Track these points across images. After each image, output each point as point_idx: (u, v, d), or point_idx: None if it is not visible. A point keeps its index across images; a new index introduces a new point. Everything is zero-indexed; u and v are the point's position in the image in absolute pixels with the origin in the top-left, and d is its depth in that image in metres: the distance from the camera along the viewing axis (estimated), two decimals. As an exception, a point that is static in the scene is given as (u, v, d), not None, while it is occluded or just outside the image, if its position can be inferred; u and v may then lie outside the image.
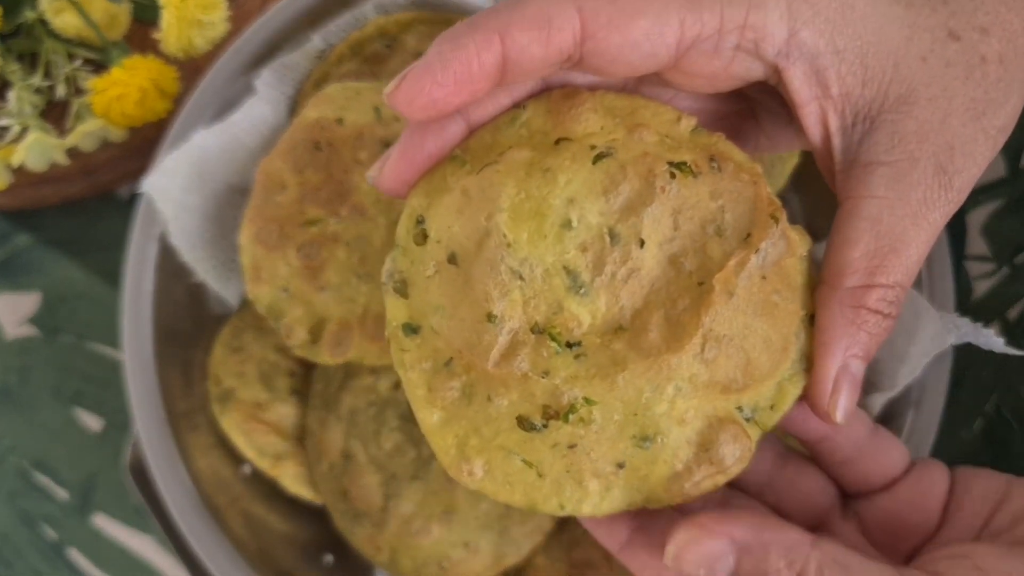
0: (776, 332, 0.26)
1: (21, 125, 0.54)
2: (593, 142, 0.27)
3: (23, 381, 0.55)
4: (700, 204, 0.27)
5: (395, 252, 0.28)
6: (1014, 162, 0.53)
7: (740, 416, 0.26)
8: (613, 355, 0.26)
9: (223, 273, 0.48)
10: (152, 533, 0.52)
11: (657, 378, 0.26)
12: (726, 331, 0.26)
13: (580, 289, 0.26)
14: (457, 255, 0.27)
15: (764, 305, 0.26)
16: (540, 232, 0.26)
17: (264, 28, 0.48)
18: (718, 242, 0.27)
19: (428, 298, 0.27)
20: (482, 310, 0.26)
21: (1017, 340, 0.41)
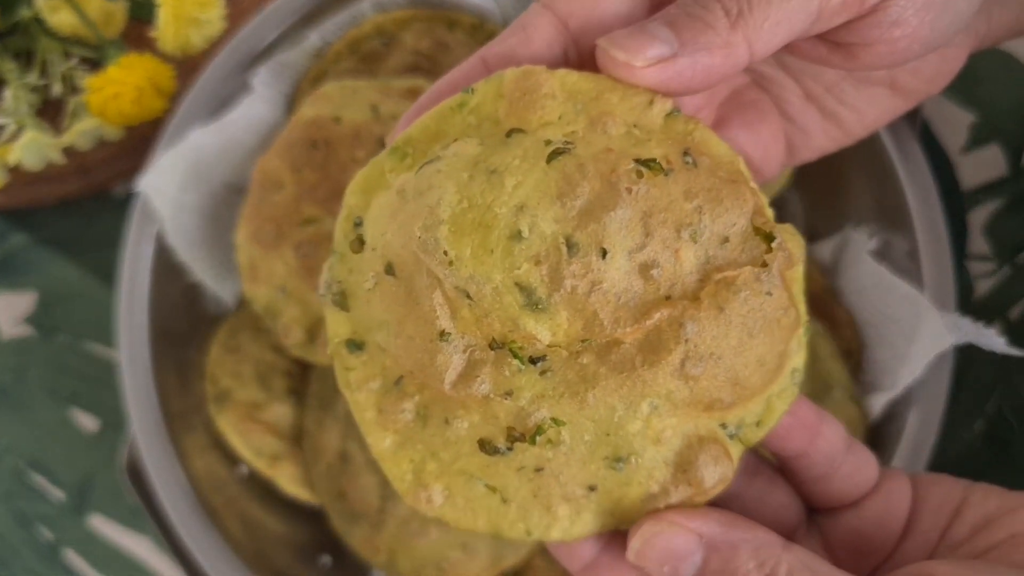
0: (772, 350, 0.24)
1: (17, 124, 0.54)
2: (548, 135, 0.24)
3: (19, 381, 0.55)
4: (673, 206, 0.23)
5: (332, 259, 0.25)
6: (1015, 161, 0.53)
7: (723, 433, 0.25)
8: (582, 370, 0.23)
9: (220, 272, 0.48)
10: (148, 534, 0.52)
11: (631, 395, 0.23)
12: (713, 349, 0.24)
13: (536, 305, 0.23)
14: (395, 266, 0.24)
15: (764, 323, 0.24)
16: (485, 247, 0.23)
17: (261, 26, 0.48)
18: (692, 248, 0.24)
19: (371, 312, 0.24)
20: (432, 328, 0.23)
21: (1018, 340, 0.41)
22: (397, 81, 0.46)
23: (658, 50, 0.24)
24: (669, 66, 0.24)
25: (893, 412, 0.42)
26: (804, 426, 0.27)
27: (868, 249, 0.45)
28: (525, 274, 0.23)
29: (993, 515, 0.25)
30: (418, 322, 0.24)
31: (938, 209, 0.43)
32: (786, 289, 0.25)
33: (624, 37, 0.24)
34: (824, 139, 0.31)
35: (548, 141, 0.24)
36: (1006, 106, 0.54)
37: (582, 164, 0.23)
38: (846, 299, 0.46)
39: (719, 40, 0.24)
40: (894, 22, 0.25)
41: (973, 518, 0.26)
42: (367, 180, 0.26)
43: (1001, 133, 0.53)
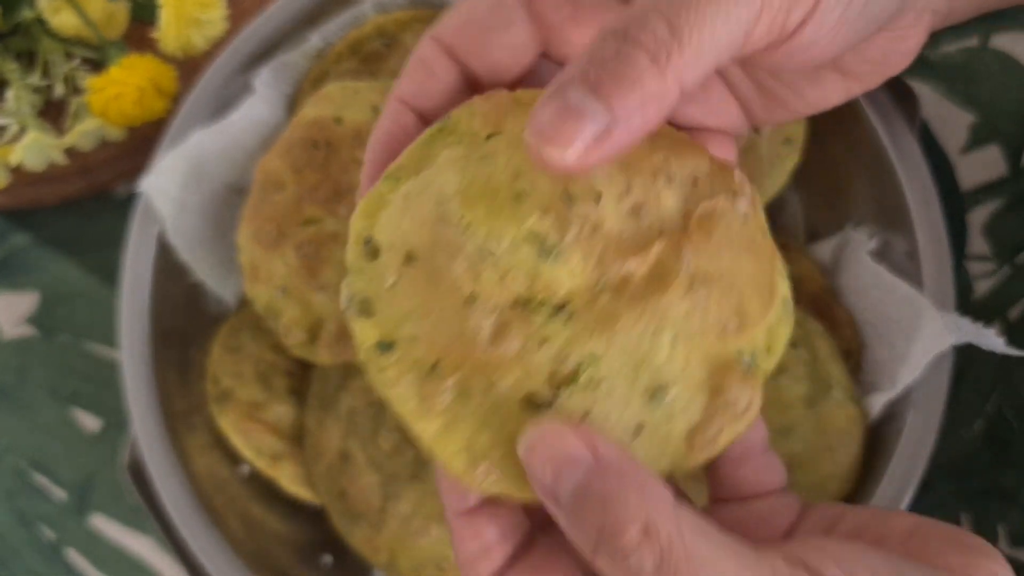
0: (761, 271, 0.26)
1: (19, 124, 0.54)
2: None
3: (20, 381, 0.55)
4: (643, 157, 0.26)
5: (349, 278, 0.26)
6: (1015, 161, 0.53)
7: (743, 361, 0.26)
8: (602, 311, 0.25)
9: (221, 272, 0.48)
10: (150, 533, 0.52)
11: (650, 324, 0.25)
12: (711, 269, 0.25)
13: (551, 252, 0.25)
14: (414, 252, 0.25)
15: (749, 244, 0.26)
16: (495, 207, 0.25)
17: (262, 27, 0.48)
18: (670, 189, 0.26)
19: (396, 308, 0.25)
20: (458, 297, 0.25)
21: (1018, 340, 0.41)
22: (398, 82, 0.46)
23: (591, 130, 0.22)
24: (605, 143, 0.22)
25: (893, 412, 0.42)
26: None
27: (867, 249, 0.45)
28: (536, 223, 0.25)
29: (864, 526, 0.26)
30: (444, 296, 0.25)
31: (938, 209, 0.44)
32: (758, 220, 0.27)
33: (551, 126, 0.22)
34: (767, 115, 0.31)
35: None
36: (1006, 106, 0.54)
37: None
38: (846, 299, 0.46)
39: (652, 93, 0.22)
40: (807, 45, 0.25)
41: (847, 529, 0.26)
42: (367, 206, 0.27)
43: (1001, 133, 0.54)
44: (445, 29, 0.26)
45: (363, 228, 0.26)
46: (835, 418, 0.42)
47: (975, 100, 0.54)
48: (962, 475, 0.49)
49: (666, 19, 0.22)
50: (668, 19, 0.22)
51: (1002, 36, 0.55)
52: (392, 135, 0.27)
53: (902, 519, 0.26)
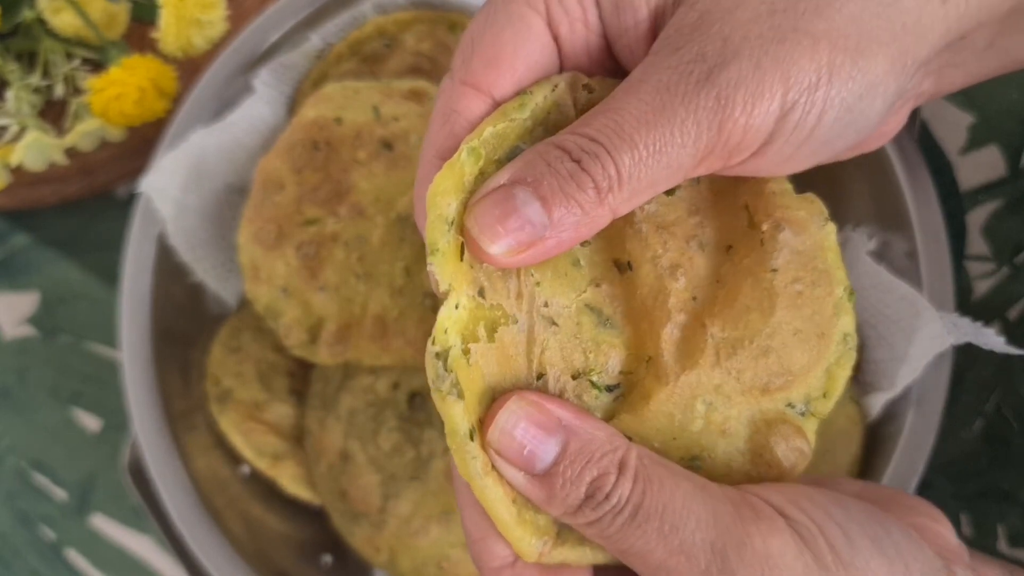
0: (806, 322, 0.26)
1: (19, 125, 0.54)
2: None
3: (21, 381, 0.55)
4: (680, 221, 0.27)
5: (444, 323, 0.25)
6: (1014, 162, 0.53)
7: (793, 412, 0.26)
8: (644, 390, 0.26)
9: (221, 273, 0.48)
10: (150, 533, 0.52)
11: (681, 400, 0.25)
12: (741, 334, 0.25)
13: (606, 323, 0.26)
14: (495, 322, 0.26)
15: (783, 298, 0.26)
16: (558, 271, 0.26)
17: (262, 27, 0.48)
18: (702, 256, 0.26)
19: (475, 389, 0.25)
20: (529, 373, 0.25)
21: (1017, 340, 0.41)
22: (398, 82, 0.46)
23: (526, 234, 0.24)
24: (536, 248, 0.24)
25: (892, 412, 0.42)
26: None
27: (867, 250, 0.45)
28: (591, 296, 0.26)
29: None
30: (516, 373, 0.25)
31: (937, 210, 0.44)
32: (806, 260, 0.26)
33: (492, 220, 0.24)
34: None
35: None
36: (1005, 107, 0.54)
37: None
38: (845, 299, 0.46)
39: (587, 217, 0.24)
40: (752, 168, 0.25)
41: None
42: (451, 179, 0.26)
43: (1000, 134, 0.54)
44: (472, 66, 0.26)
45: (445, 205, 0.25)
46: (835, 418, 0.42)
47: (974, 101, 0.54)
48: (961, 475, 0.49)
49: (613, 161, 0.24)
50: (615, 161, 0.24)
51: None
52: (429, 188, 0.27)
53: (847, 484, 0.27)
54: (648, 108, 0.24)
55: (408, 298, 0.43)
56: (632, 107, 0.24)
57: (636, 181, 0.24)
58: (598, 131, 0.24)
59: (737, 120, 0.23)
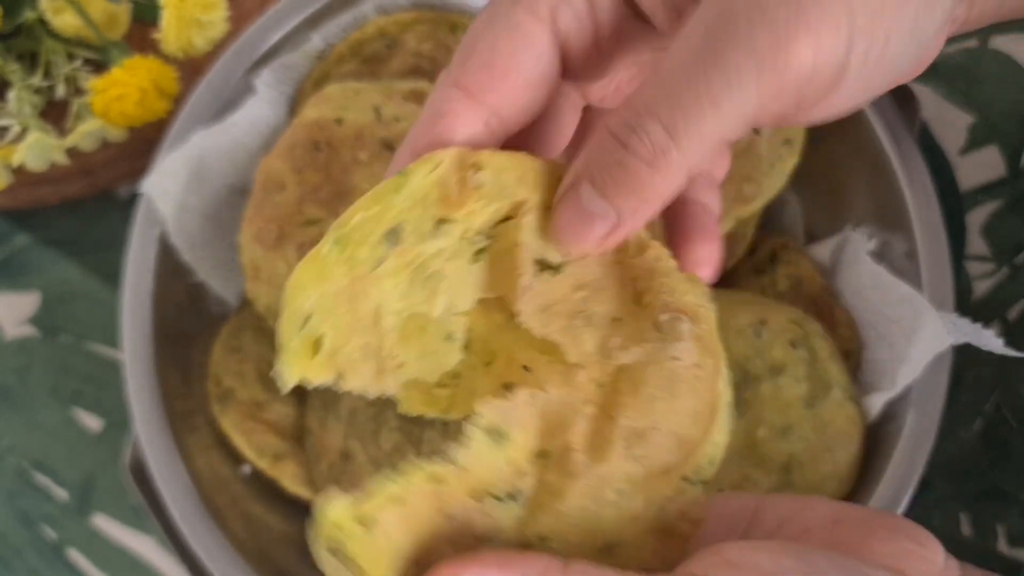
0: (701, 401, 0.26)
1: (21, 125, 0.54)
2: (473, 225, 0.26)
3: (22, 381, 0.55)
4: (564, 299, 0.26)
5: (333, 516, 0.24)
6: (1014, 162, 0.53)
7: (688, 485, 0.26)
8: (550, 487, 0.26)
9: (223, 273, 0.48)
10: (151, 533, 0.52)
11: (594, 492, 0.25)
12: (646, 424, 0.26)
13: (501, 439, 0.25)
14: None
15: (684, 382, 0.26)
16: (426, 350, 0.26)
17: (264, 28, 0.48)
18: (589, 332, 0.26)
19: (379, 552, 0.24)
20: (440, 518, 0.25)
21: (1017, 341, 0.41)
22: (400, 83, 0.46)
23: (601, 228, 0.24)
24: (617, 235, 0.24)
25: (892, 412, 0.43)
26: None
27: (867, 250, 0.45)
28: (487, 417, 0.25)
29: (785, 516, 0.26)
30: (424, 526, 0.25)
31: (937, 210, 0.44)
32: (696, 341, 0.26)
33: (568, 228, 0.25)
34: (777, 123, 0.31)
35: (471, 240, 0.26)
36: (1005, 107, 0.54)
37: (495, 260, 0.26)
38: (845, 299, 0.46)
39: (653, 191, 0.24)
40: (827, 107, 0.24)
41: (768, 523, 0.26)
42: (311, 271, 0.25)
43: (1000, 134, 0.54)
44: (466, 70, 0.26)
45: (302, 300, 0.25)
46: (834, 418, 0.43)
47: (974, 101, 0.54)
48: (961, 475, 0.49)
49: (662, 123, 0.23)
50: (664, 123, 0.23)
51: (1001, 37, 0.55)
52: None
53: (824, 507, 0.26)
54: (696, 59, 0.22)
55: (409, 298, 0.43)
56: (678, 62, 0.23)
57: (698, 138, 0.23)
58: (645, 100, 0.23)
59: (804, 53, 0.22)
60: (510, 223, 0.26)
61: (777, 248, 0.49)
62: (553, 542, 0.26)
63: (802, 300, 0.47)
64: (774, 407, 0.43)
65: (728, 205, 0.46)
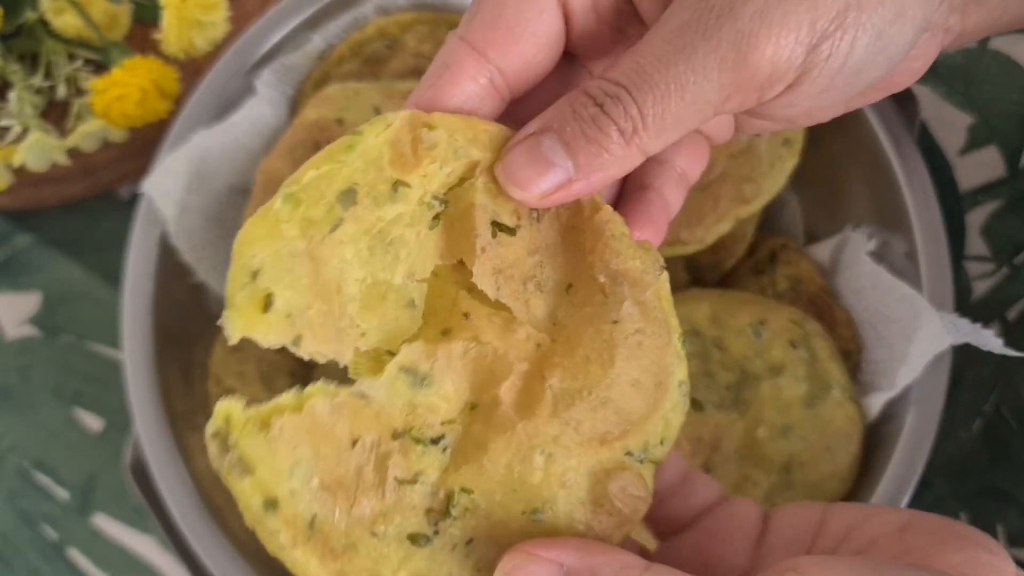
0: (644, 372, 0.26)
1: (22, 125, 0.54)
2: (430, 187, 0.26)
3: (23, 381, 0.55)
4: (518, 262, 0.26)
5: (224, 408, 0.25)
6: (1013, 162, 0.53)
7: (632, 460, 0.26)
8: (475, 439, 0.25)
9: (224, 273, 0.48)
10: (152, 533, 0.52)
11: (520, 451, 0.25)
12: (578, 387, 0.25)
13: (423, 381, 0.25)
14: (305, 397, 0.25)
15: (623, 349, 0.26)
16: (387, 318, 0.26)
17: (264, 29, 0.48)
18: (540, 297, 0.26)
19: (277, 461, 0.25)
20: (342, 441, 0.25)
21: (1016, 341, 0.41)
22: (400, 84, 0.46)
23: (553, 179, 0.25)
24: (565, 190, 0.25)
25: (892, 412, 0.43)
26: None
27: (867, 250, 0.45)
28: (405, 357, 0.25)
29: (852, 525, 0.26)
30: (329, 443, 0.25)
31: (936, 210, 0.44)
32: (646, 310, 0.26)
33: (520, 169, 0.25)
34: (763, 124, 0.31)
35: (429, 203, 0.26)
36: (1004, 108, 0.54)
37: (452, 223, 0.26)
38: (845, 300, 0.47)
39: (614, 159, 0.25)
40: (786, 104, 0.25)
41: (835, 531, 0.26)
42: (261, 226, 0.25)
43: (999, 135, 0.54)
44: (472, 25, 0.26)
45: (250, 255, 0.25)
46: (834, 418, 0.43)
47: (974, 101, 0.54)
48: (961, 475, 0.50)
49: (635, 102, 0.24)
50: (636, 102, 0.24)
51: (1000, 38, 0.55)
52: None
53: (892, 515, 0.26)
54: (669, 47, 0.24)
55: (409, 298, 0.43)
56: (653, 48, 0.24)
57: (661, 120, 0.24)
58: (621, 74, 0.24)
59: (764, 52, 0.23)
60: (465, 185, 0.26)
61: (777, 248, 0.49)
62: (476, 496, 0.25)
63: (802, 300, 0.47)
64: (774, 407, 0.43)
65: (728, 205, 0.46)
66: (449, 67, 0.26)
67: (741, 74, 0.24)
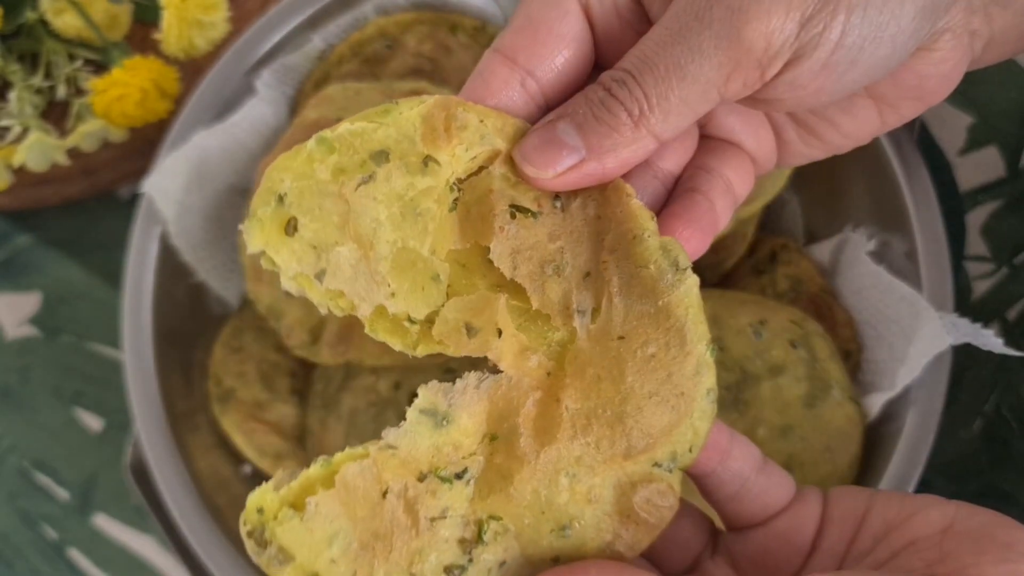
0: (662, 384, 0.26)
1: (22, 125, 0.54)
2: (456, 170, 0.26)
3: (23, 381, 0.55)
4: (538, 246, 0.27)
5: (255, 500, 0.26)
6: (1013, 162, 0.53)
7: (660, 471, 0.26)
8: (498, 469, 0.26)
9: (224, 273, 0.48)
10: (152, 533, 0.52)
11: (544, 476, 0.26)
12: (594, 404, 0.26)
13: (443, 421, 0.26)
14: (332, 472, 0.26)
15: (632, 364, 0.26)
16: (416, 284, 0.26)
17: (264, 29, 0.48)
18: (557, 282, 0.27)
19: (314, 538, 0.25)
20: (374, 495, 0.26)
21: (1016, 340, 0.41)
22: (400, 84, 0.46)
23: (567, 160, 0.26)
24: (578, 170, 0.26)
25: (892, 412, 0.43)
26: (714, 447, 0.28)
27: (867, 250, 0.45)
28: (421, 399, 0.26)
29: (893, 522, 0.26)
30: (362, 505, 0.25)
31: (936, 211, 0.44)
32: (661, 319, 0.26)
33: (535, 150, 0.26)
34: (803, 148, 0.31)
35: (453, 186, 0.27)
36: (1004, 108, 0.54)
37: (468, 208, 0.27)
38: (845, 300, 0.47)
39: (625, 140, 0.25)
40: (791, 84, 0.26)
41: (875, 528, 0.26)
42: (295, 160, 0.26)
43: (999, 135, 0.54)
44: (503, 37, 0.27)
45: (279, 180, 0.26)
46: (834, 418, 0.43)
47: (973, 101, 0.54)
48: (961, 475, 0.50)
49: (639, 85, 0.25)
50: (640, 85, 0.25)
51: (1001, 38, 0.55)
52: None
53: (936, 512, 0.26)
54: (667, 32, 0.25)
55: (409, 298, 0.43)
56: (654, 35, 0.25)
57: (666, 101, 0.25)
58: (626, 61, 0.26)
59: (755, 27, 0.24)
60: (483, 173, 0.27)
61: (777, 248, 0.49)
62: (506, 521, 0.26)
63: (802, 300, 0.47)
64: (774, 407, 0.43)
65: (728, 205, 0.46)
66: (482, 74, 0.27)
67: (736, 50, 0.24)
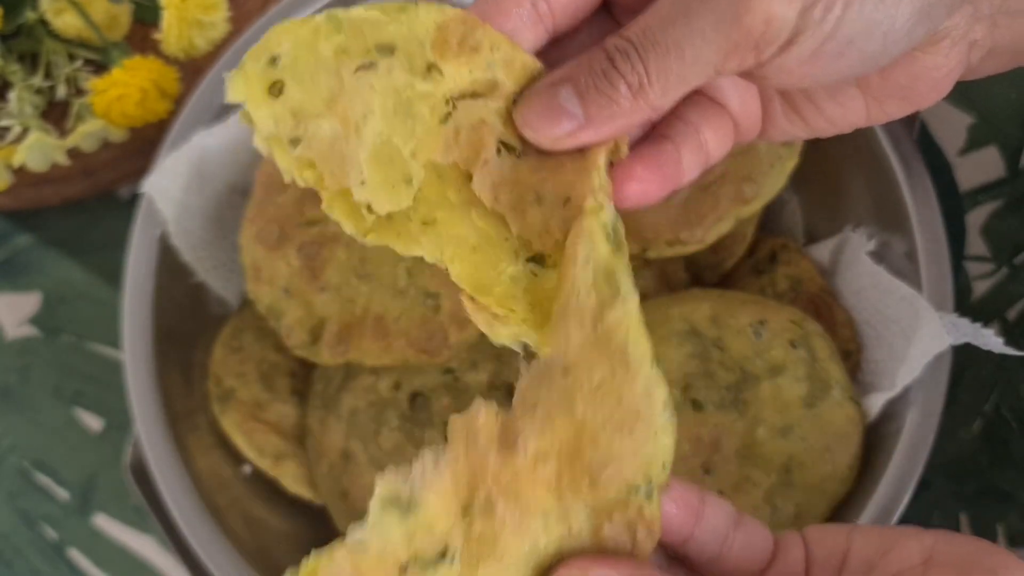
0: (615, 408, 0.25)
1: (22, 126, 0.54)
2: (455, 87, 0.27)
3: (23, 381, 0.55)
4: (521, 180, 0.27)
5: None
6: (1013, 162, 0.53)
7: (638, 496, 0.26)
8: (481, 537, 0.25)
9: (224, 273, 0.48)
10: (152, 533, 0.52)
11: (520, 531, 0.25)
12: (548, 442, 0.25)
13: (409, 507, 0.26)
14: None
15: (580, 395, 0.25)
16: (389, 181, 0.26)
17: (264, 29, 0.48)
18: (538, 209, 0.27)
19: None
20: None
21: (1016, 340, 0.41)
22: None
23: (566, 127, 0.26)
24: (574, 137, 0.27)
25: (892, 412, 0.43)
26: (687, 508, 0.27)
27: (867, 250, 0.45)
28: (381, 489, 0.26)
29: (873, 559, 0.26)
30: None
31: (936, 210, 0.44)
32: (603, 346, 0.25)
33: (536, 115, 0.27)
34: (788, 126, 0.32)
35: (448, 100, 0.27)
36: (1004, 108, 0.54)
37: (459, 131, 0.27)
38: (845, 300, 0.47)
39: (623, 111, 0.26)
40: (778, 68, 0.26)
41: (858, 565, 0.26)
42: (298, 28, 0.26)
43: (999, 134, 0.54)
44: None
45: (276, 42, 0.26)
46: (834, 418, 0.43)
47: (973, 101, 0.54)
48: (961, 475, 0.50)
49: (641, 59, 0.26)
50: (642, 60, 0.26)
51: (1001, 38, 0.55)
52: None
53: (915, 543, 0.26)
54: (672, 9, 0.26)
55: (410, 299, 0.43)
56: (661, 9, 0.26)
57: (665, 78, 0.26)
58: (632, 32, 0.26)
59: (755, 11, 0.24)
60: (479, 101, 0.27)
61: (777, 248, 0.49)
62: None
63: (802, 300, 0.47)
64: (774, 407, 0.43)
65: (728, 205, 0.46)
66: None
67: (736, 33, 0.25)
